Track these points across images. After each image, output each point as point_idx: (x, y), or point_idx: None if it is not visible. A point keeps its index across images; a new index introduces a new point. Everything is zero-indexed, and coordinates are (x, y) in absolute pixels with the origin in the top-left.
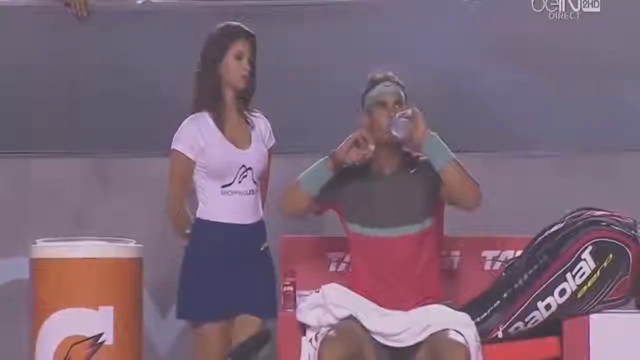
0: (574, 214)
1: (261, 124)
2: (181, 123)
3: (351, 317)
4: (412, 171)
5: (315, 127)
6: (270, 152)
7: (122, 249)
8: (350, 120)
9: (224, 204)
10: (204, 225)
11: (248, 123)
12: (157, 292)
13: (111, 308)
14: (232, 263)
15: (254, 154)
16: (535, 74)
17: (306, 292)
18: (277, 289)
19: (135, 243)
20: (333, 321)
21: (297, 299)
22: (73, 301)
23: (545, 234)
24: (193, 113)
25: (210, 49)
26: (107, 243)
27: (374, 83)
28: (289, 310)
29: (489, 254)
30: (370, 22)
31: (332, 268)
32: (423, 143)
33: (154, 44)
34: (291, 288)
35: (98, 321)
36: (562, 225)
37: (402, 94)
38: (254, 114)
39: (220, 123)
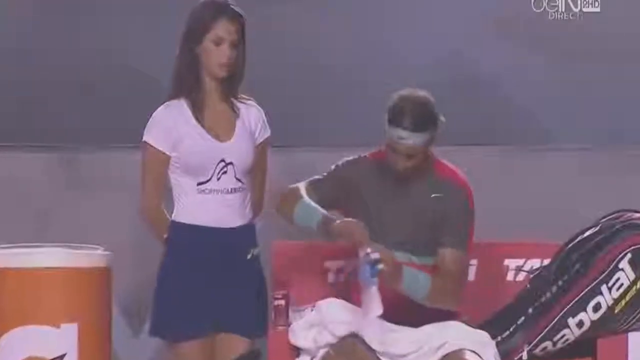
0: (610, 217)
1: (251, 113)
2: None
3: (353, 335)
4: (436, 195)
5: (314, 117)
6: (265, 145)
7: (87, 257)
8: (352, 111)
9: (201, 205)
10: (179, 229)
11: (234, 112)
12: (129, 306)
13: (75, 325)
14: (214, 273)
15: (236, 147)
16: (559, 61)
17: (301, 308)
18: (268, 303)
19: (104, 250)
20: (332, 340)
21: (291, 314)
22: (31, 317)
23: (577, 239)
24: (170, 100)
25: (189, 29)
26: (71, 250)
27: (395, 118)
28: (280, 327)
29: (511, 262)
30: (380, 2)
31: (332, 279)
32: (401, 284)
33: (129, 24)
34: (283, 302)
35: (60, 340)
36: (596, 229)
37: (424, 139)
38: (244, 101)
39: (197, 111)
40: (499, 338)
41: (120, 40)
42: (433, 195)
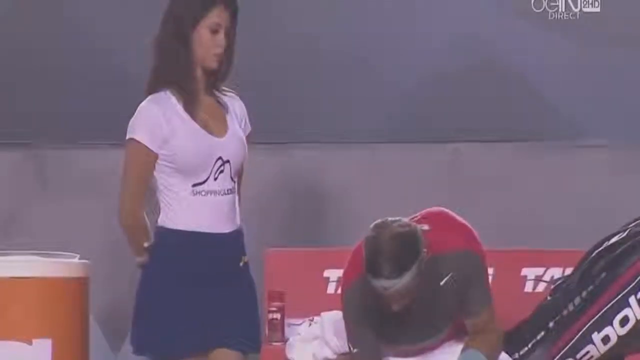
0: (638, 221)
1: (236, 107)
2: (139, 105)
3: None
4: (446, 280)
5: (311, 112)
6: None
7: (62, 266)
8: (354, 104)
9: (196, 208)
10: (169, 236)
11: (222, 105)
12: (108, 320)
13: (49, 341)
14: (204, 283)
15: (231, 143)
16: (587, 51)
17: (298, 321)
18: (261, 316)
19: (80, 258)
20: (331, 356)
21: (286, 329)
22: (0, 332)
23: (603, 246)
24: (152, 91)
25: (180, 12)
26: (43, 258)
27: (373, 270)
28: (275, 343)
29: (530, 271)
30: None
31: (331, 289)
32: None
33: (100, 18)
34: (278, 315)
35: (32, 358)
36: (624, 235)
37: (411, 277)
38: (227, 93)
39: (189, 104)
40: (517, 355)
41: (91, 35)
42: (443, 282)
